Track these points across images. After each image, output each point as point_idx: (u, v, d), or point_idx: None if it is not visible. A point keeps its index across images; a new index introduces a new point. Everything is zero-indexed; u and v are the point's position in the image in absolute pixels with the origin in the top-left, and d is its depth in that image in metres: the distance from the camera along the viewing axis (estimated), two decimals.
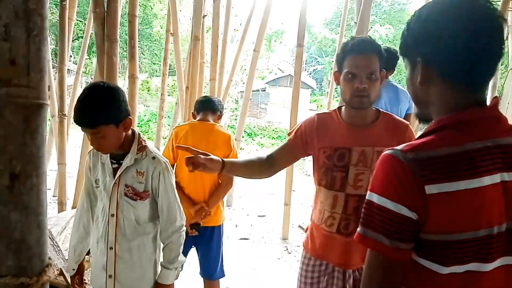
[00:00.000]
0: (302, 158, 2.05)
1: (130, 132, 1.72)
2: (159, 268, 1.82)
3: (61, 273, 2.68)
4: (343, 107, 1.82)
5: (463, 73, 0.87)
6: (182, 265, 1.85)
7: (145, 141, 1.76)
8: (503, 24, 0.86)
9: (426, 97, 0.95)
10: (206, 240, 2.62)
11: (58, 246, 3.01)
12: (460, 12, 0.85)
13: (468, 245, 0.84)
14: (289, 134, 1.91)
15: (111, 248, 1.71)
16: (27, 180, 0.73)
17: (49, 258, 0.79)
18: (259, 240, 4.84)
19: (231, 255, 4.00)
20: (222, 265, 2.72)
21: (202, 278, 2.73)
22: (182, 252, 2.56)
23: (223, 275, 2.74)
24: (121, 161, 1.70)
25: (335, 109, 1.86)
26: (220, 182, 2.63)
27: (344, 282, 1.79)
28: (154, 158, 1.72)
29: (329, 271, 1.81)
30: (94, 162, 1.79)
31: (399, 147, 0.87)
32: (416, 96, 0.98)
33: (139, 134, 1.76)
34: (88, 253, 1.94)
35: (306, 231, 1.99)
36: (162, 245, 1.83)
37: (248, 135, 18.46)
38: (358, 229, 0.90)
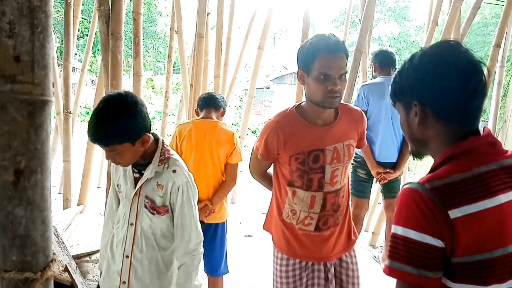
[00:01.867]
0: None
1: (153, 139, 1.62)
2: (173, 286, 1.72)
3: (66, 270, 2.70)
4: (302, 107, 1.79)
5: (456, 113, 0.98)
6: None
7: (169, 151, 1.66)
8: (483, 68, 0.98)
9: (424, 136, 1.03)
10: (210, 237, 2.63)
11: (63, 243, 3.03)
12: (448, 60, 0.96)
13: (502, 262, 0.89)
14: (257, 150, 1.86)
15: (127, 256, 1.65)
16: (32, 176, 0.74)
17: (54, 254, 0.80)
18: (263, 237, 4.83)
19: (235, 252, 4.00)
20: (226, 262, 2.73)
21: (206, 274, 2.74)
22: None
23: (227, 271, 2.75)
24: (142, 171, 1.62)
25: (291, 110, 1.80)
26: (224, 179, 2.64)
27: (325, 272, 1.82)
28: (174, 171, 1.61)
29: (309, 266, 1.82)
30: (117, 166, 1.71)
31: (416, 181, 0.95)
32: (413, 136, 1.06)
33: (163, 142, 1.66)
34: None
35: (266, 228, 2.02)
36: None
37: (252, 132, 18.44)
38: (386, 262, 0.95)
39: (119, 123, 1.44)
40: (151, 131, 1.62)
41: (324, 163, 1.72)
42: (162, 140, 1.67)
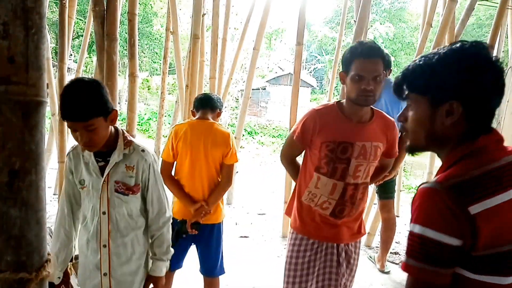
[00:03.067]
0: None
1: (113, 129, 1.70)
2: (149, 261, 1.83)
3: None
4: (344, 103, 1.97)
5: (488, 116, 1.02)
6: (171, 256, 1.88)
7: (129, 135, 1.76)
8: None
9: (446, 134, 1.03)
10: (205, 238, 2.63)
11: None
12: (484, 60, 0.99)
13: None
14: (293, 132, 2.04)
15: (104, 245, 1.70)
16: (26, 176, 0.74)
17: (48, 254, 0.80)
18: (259, 238, 4.85)
19: (231, 253, 4.01)
20: (222, 263, 2.73)
21: (202, 276, 2.74)
22: (182, 249, 2.58)
23: (223, 272, 2.75)
24: (107, 158, 1.68)
25: (333, 104, 2.00)
26: (219, 180, 2.64)
27: (338, 256, 2.00)
28: (143, 151, 1.73)
29: (323, 248, 2.00)
30: (75, 163, 1.75)
31: (433, 180, 0.97)
32: (433, 134, 1.06)
33: (122, 129, 1.75)
34: (71, 260, 1.90)
35: (287, 213, 2.18)
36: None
37: (248, 133, 18.47)
38: (404, 258, 0.98)
39: (93, 96, 1.51)
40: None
41: (351, 156, 1.89)
42: (121, 128, 1.76)
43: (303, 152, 2.13)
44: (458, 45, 1.02)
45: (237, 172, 6.14)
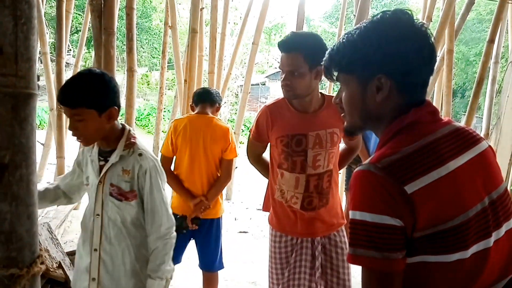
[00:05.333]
0: None
1: (119, 127, 1.62)
2: (146, 277, 1.64)
3: (60, 266, 2.69)
4: None
5: (420, 87, 0.98)
6: (171, 275, 1.70)
7: (135, 137, 1.64)
8: (430, 34, 0.97)
9: (381, 111, 0.98)
10: (204, 233, 2.62)
11: (57, 239, 3.01)
12: (404, 29, 0.94)
13: (465, 227, 0.87)
14: (250, 132, 2.06)
15: (95, 249, 1.59)
16: (16, 170, 0.72)
17: (41, 250, 0.78)
18: (258, 234, 4.84)
19: (230, 248, 4.01)
20: (221, 257, 2.73)
21: (201, 270, 2.74)
22: (180, 244, 2.57)
23: (222, 267, 2.74)
24: (108, 158, 1.59)
25: (282, 98, 1.98)
26: (219, 175, 2.63)
27: (313, 249, 1.97)
28: (140, 155, 1.59)
29: (298, 243, 1.98)
30: (85, 159, 1.68)
31: (365, 162, 0.92)
32: (367, 113, 1.01)
33: (129, 130, 1.65)
34: (72, 254, 1.85)
35: (265, 209, 2.19)
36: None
37: (248, 129, 18.45)
38: (348, 250, 0.91)
39: (88, 86, 1.46)
40: (121, 122, 1.66)
41: (307, 147, 1.88)
42: (129, 128, 1.66)
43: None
44: (379, 16, 0.97)
45: (236, 167, 6.13)
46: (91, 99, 1.45)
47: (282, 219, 2.00)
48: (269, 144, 2.06)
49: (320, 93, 1.98)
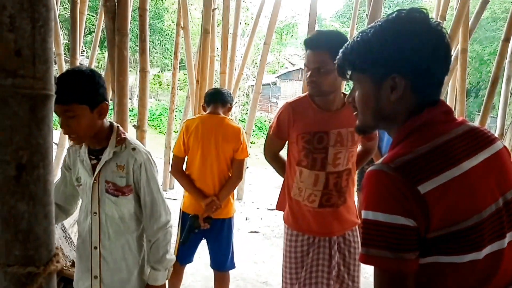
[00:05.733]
0: None
1: (108, 125, 1.63)
2: (146, 269, 1.71)
3: (73, 265, 2.72)
4: None
5: (435, 87, 0.96)
6: (172, 264, 1.74)
7: (124, 133, 1.66)
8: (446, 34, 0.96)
9: (395, 111, 0.97)
10: (216, 232, 2.63)
11: (71, 238, 3.05)
12: (419, 28, 0.92)
13: (479, 228, 0.86)
14: (270, 128, 2.06)
15: (95, 247, 1.61)
16: (34, 170, 0.73)
17: (57, 248, 0.80)
18: (269, 233, 4.84)
19: (242, 248, 4.01)
20: (232, 257, 2.73)
21: (212, 270, 2.75)
22: (192, 244, 2.59)
23: (233, 266, 2.75)
24: (100, 156, 1.60)
25: (306, 95, 2.00)
26: (230, 175, 2.64)
27: (330, 249, 1.98)
28: (134, 149, 1.61)
29: (315, 242, 1.98)
30: (73, 160, 1.69)
31: (379, 162, 0.91)
32: (381, 112, 1.00)
33: (117, 126, 1.67)
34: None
35: (278, 208, 2.18)
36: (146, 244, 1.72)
37: (259, 129, 18.47)
38: (361, 250, 0.90)
39: (79, 82, 1.47)
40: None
41: (328, 144, 1.89)
42: (117, 125, 1.68)
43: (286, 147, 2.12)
44: (394, 14, 0.96)
45: (247, 167, 6.13)
46: (82, 94, 1.47)
47: (298, 218, 2.00)
48: (286, 142, 2.07)
49: (342, 92, 2.00)
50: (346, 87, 7.28)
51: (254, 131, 15.35)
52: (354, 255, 2.02)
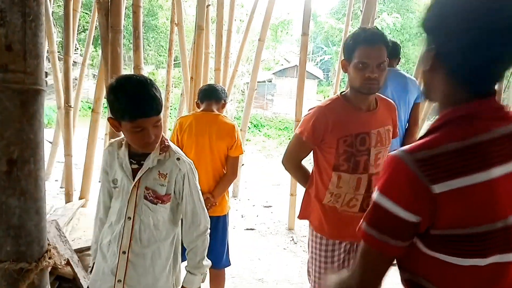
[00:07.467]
0: None
1: None
2: (173, 275, 1.73)
3: (68, 263, 2.71)
4: (347, 93, 1.92)
5: (487, 72, 0.83)
6: (208, 269, 1.80)
7: (167, 140, 1.65)
8: None
9: (430, 83, 0.93)
10: (211, 230, 2.59)
11: (65, 237, 3.04)
12: (485, 8, 0.76)
13: (488, 237, 0.83)
14: (301, 134, 1.92)
15: (123, 252, 1.59)
16: (25, 166, 0.73)
17: (49, 244, 0.79)
18: (265, 231, 4.85)
19: (237, 246, 4.02)
20: (227, 254, 2.73)
21: None
22: None
23: (228, 264, 2.75)
24: (141, 162, 1.58)
25: (338, 96, 1.94)
26: (225, 172, 2.63)
27: None
28: (178, 159, 1.62)
29: (354, 248, 1.94)
30: (111, 161, 1.66)
31: (404, 148, 0.87)
32: (423, 77, 0.97)
33: (162, 134, 1.63)
34: (80, 251, 1.82)
35: (302, 217, 2.10)
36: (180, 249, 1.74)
37: (254, 126, 18.45)
38: (361, 224, 0.94)
39: (157, 91, 1.47)
40: None
41: (370, 145, 1.84)
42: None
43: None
44: None
45: (243, 164, 6.13)
46: (161, 102, 1.48)
47: (336, 225, 1.91)
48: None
49: None
50: (341, 83, 7.28)
51: (249, 128, 15.32)
52: None
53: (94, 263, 1.72)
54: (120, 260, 1.59)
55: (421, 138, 0.90)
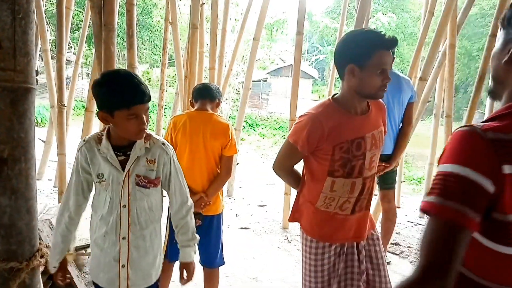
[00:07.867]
0: None
1: None
2: (161, 253, 1.87)
3: None
4: (338, 98, 1.87)
5: None
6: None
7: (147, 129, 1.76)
8: None
9: (505, 77, 0.95)
10: (205, 229, 2.62)
11: None
12: None
13: None
14: (295, 142, 1.86)
15: (124, 238, 1.70)
16: (15, 164, 0.72)
17: (40, 243, 0.79)
18: (259, 230, 4.85)
19: (232, 245, 4.02)
20: (222, 253, 2.73)
21: (202, 266, 2.74)
22: None
23: (223, 263, 2.75)
24: (128, 152, 1.68)
25: (329, 101, 1.86)
26: (219, 172, 2.63)
27: (358, 254, 1.95)
28: (163, 144, 1.76)
29: (344, 250, 1.94)
30: (91, 157, 1.68)
31: (479, 125, 0.88)
32: (496, 73, 0.98)
33: None
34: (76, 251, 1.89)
35: (292, 220, 2.09)
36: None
37: (249, 125, 18.46)
38: (429, 198, 0.88)
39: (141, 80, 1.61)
40: None
41: (365, 149, 1.82)
42: None
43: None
44: None
45: (237, 164, 6.13)
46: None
47: (326, 228, 1.91)
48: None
49: None
50: (337, 82, 7.30)
51: (244, 127, 15.32)
52: (380, 253, 2.00)
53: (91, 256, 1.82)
54: (121, 246, 1.71)
55: (487, 121, 0.91)
